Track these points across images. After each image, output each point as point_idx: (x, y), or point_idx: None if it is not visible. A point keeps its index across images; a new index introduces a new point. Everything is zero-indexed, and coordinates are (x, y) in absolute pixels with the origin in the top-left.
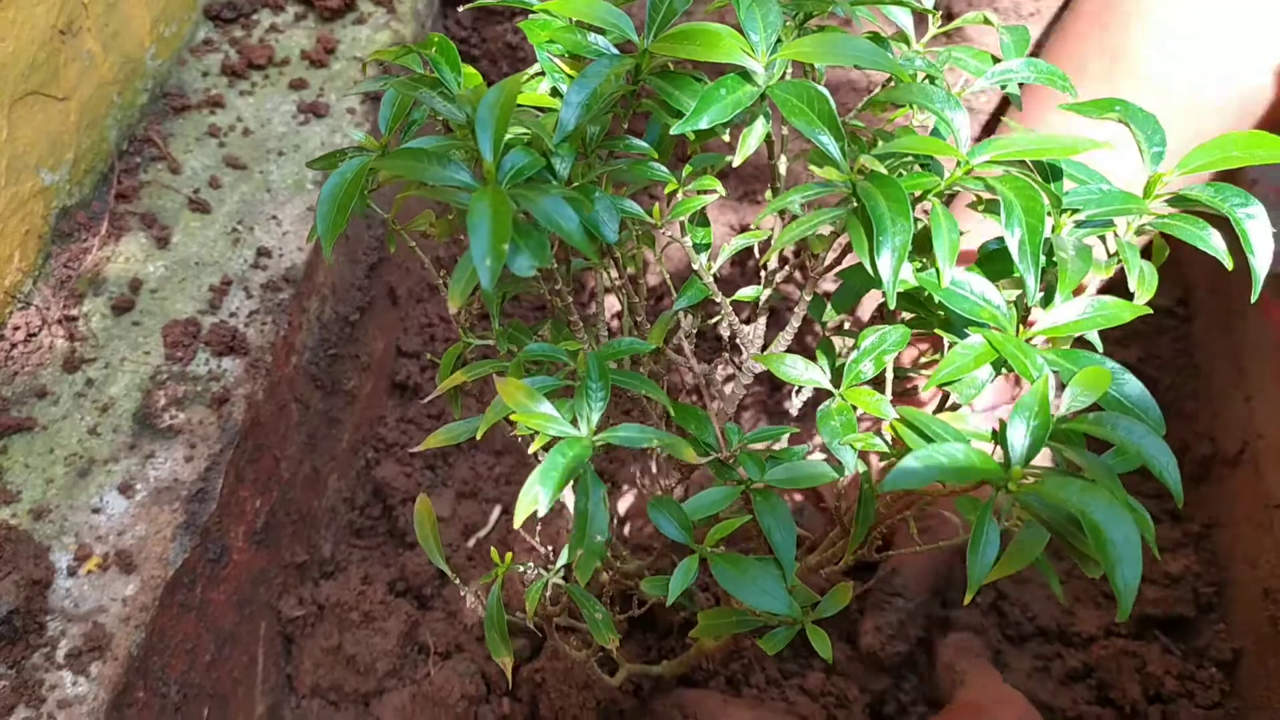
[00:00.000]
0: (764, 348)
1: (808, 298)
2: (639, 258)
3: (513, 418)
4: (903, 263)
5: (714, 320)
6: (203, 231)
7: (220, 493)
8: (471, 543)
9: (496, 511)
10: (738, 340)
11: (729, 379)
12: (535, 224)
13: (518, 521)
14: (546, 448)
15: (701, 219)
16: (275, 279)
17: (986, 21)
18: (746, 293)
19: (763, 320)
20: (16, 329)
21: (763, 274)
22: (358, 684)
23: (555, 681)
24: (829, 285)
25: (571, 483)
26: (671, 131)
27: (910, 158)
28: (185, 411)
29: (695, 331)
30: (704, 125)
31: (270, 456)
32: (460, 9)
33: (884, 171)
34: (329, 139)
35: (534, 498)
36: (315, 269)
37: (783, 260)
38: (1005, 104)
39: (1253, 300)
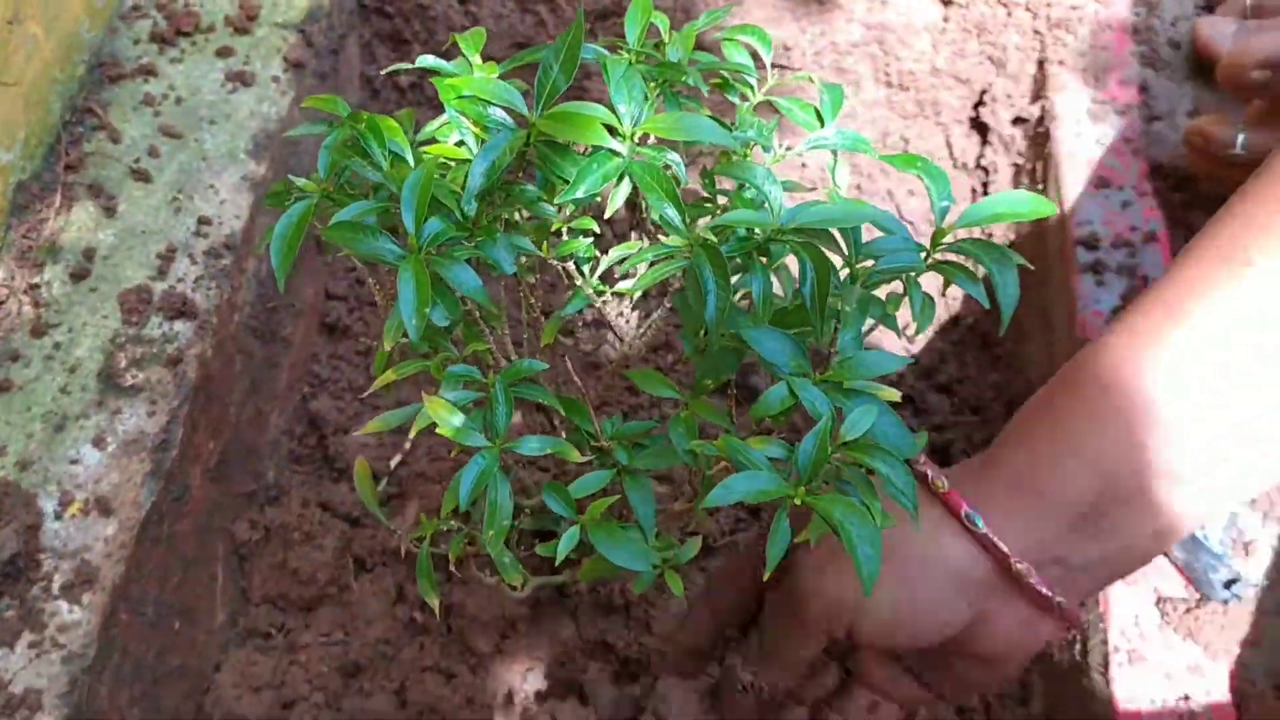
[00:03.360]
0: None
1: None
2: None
3: (437, 431)
4: (725, 315)
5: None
6: (146, 200)
7: (180, 441)
8: (394, 463)
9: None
10: (616, 334)
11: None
12: (449, 285)
13: (444, 510)
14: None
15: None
16: (216, 246)
17: (810, 79)
18: (625, 286)
19: (636, 315)
20: None
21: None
22: (301, 592)
23: (469, 598)
24: None
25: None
26: (555, 201)
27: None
28: (144, 371)
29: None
30: (580, 195)
31: (220, 404)
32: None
33: (714, 240)
34: (257, 108)
35: (457, 496)
36: (252, 234)
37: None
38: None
39: (1000, 334)
